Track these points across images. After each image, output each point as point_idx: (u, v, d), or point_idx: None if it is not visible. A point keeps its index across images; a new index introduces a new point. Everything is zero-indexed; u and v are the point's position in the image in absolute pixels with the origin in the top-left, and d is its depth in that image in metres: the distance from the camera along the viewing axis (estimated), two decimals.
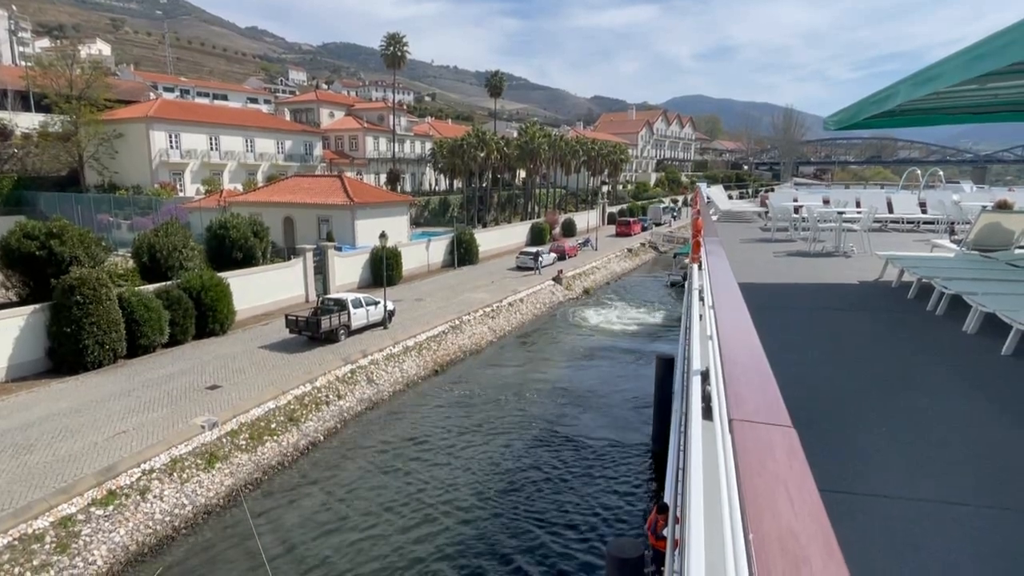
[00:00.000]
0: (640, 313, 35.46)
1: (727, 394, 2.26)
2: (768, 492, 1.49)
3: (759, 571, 1.20)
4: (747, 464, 1.64)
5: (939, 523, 3.44)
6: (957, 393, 5.51)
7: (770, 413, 2.00)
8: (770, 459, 1.68)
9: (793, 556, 1.24)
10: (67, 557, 11.67)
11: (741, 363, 2.67)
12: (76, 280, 18.69)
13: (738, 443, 1.78)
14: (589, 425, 19.66)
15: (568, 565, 12.58)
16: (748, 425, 1.89)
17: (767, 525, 1.35)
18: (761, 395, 2.21)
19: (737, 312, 3.74)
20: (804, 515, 1.40)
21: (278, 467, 16.35)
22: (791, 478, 1.56)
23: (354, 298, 24.81)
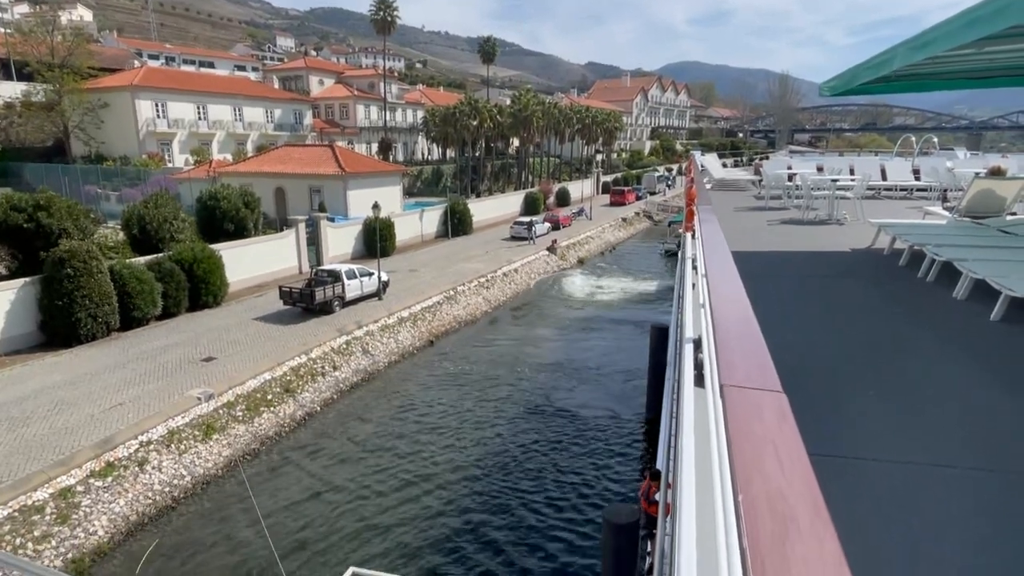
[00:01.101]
0: (635, 283, 35.56)
1: (718, 360, 2.28)
2: (757, 455, 1.51)
3: (748, 531, 1.22)
4: (737, 428, 1.66)
5: (926, 485, 3.51)
6: (946, 358, 5.57)
7: (760, 378, 2.02)
8: (759, 423, 1.69)
9: (781, 516, 1.26)
10: (68, 528, 11.81)
11: (733, 330, 2.68)
12: (66, 253, 18.53)
13: (728, 408, 1.79)
14: (584, 394, 19.86)
15: (565, 530, 12.84)
16: (738, 390, 1.91)
17: (756, 487, 1.37)
18: (752, 361, 2.22)
19: (729, 280, 3.75)
20: (793, 477, 1.42)
21: (275, 438, 16.49)
22: (780, 441, 1.58)
23: (348, 269, 24.73)
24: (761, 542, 1.18)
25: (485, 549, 12.22)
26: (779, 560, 1.13)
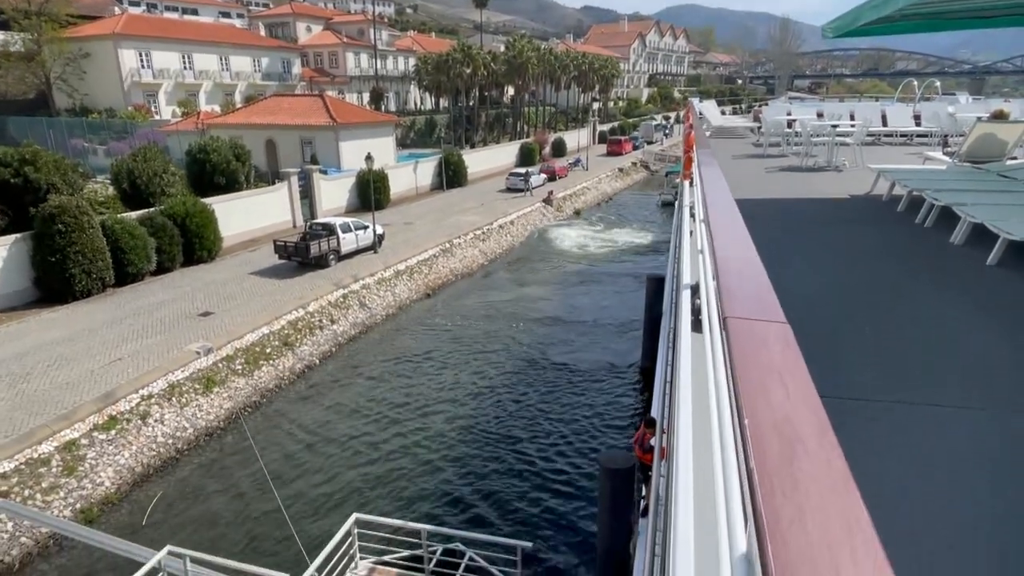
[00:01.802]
0: (631, 234, 35.43)
1: (721, 295, 2.26)
2: (763, 382, 1.51)
3: (755, 454, 1.23)
4: (742, 358, 1.65)
5: (919, 424, 3.57)
6: (942, 302, 5.60)
7: (764, 310, 2.01)
8: (764, 352, 1.69)
9: (788, 439, 1.27)
10: (75, 479, 12.04)
11: (735, 265, 2.66)
12: (56, 208, 18.27)
13: (732, 339, 1.78)
14: (580, 346, 20.03)
15: (563, 476, 13.15)
16: (742, 322, 1.90)
17: (761, 412, 1.38)
18: (755, 294, 2.21)
19: (730, 216, 3.71)
20: (799, 402, 1.42)
21: (276, 390, 16.68)
22: (785, 368, 1.58)
23: (342, 222, 24.52)
24: (769, 462, 1.19)
25: (484, 494, 12.53)
26: (787, 478, 1.15)
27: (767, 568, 0.95)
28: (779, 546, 0.98)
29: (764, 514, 1.06)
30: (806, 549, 0.97)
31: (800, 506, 1.07)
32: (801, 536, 1.00)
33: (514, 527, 11.46)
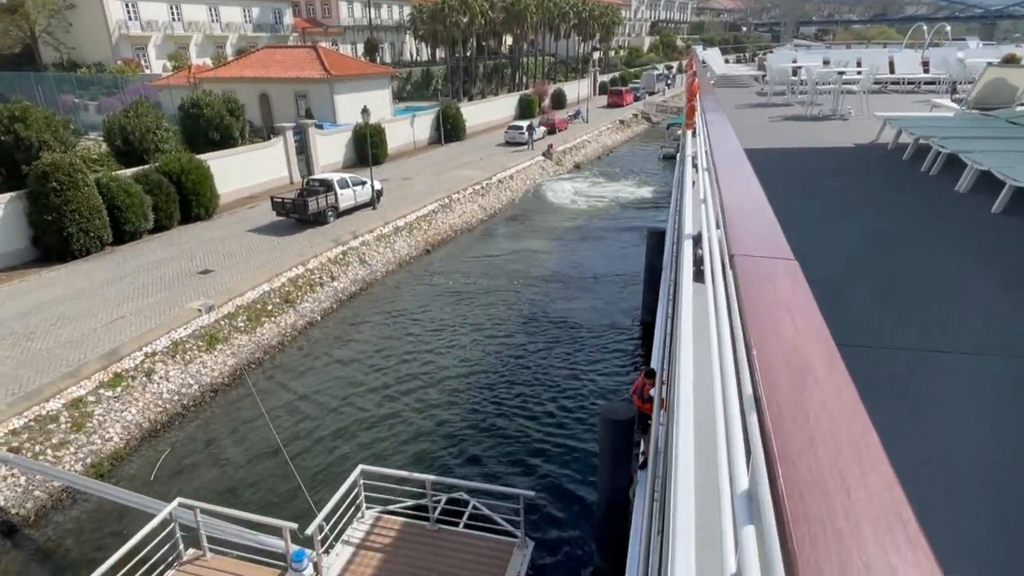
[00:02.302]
0: (632, 188, 35.06)
1: (727, 233, 2.23)
2: (771, 315, 1.50)
3: (764, 383, 1.23)
4: (749, 292, 1.63)
5: (918, 369, 3.60)
6: (946, 249, 5.56)
7: (771, 247, 1.98)
8: (772, 287, 1.67)
9: (797, 368, 1.28)
10: (84, 435, 12.24)
11: (741, 204, 2.61)
12: (49, 166, 18.04)
13: (740, 275, 1.76)
14: (580, 300, 20.07)
15: (563, 428, 13.35)
16: (749, 259, 1.87)
17: (770, 344, 1.38)
18: (762, 231, 2.18)
19: (735, 158, 3.65)
20: (808, 334, 1.42)
21: (279, 346, 16.80)
22: (794, 302, 1.57)
23: (340, 178, 24.23)
24: (778, 392, 1.19)
25: (487, 446, 12.75)
26: (796, 406, 1.15)
27: (778, 492, 0.96)
28: (789, 470, 0.99)
29: (774, 441, 1.06)
30: (816, 473, 0.98)
31: (810, 433, 1.08)
32: (812, 461, 1.01)
33: (516, 477, 11.71)
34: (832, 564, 0.81)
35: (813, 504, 0.91)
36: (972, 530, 2.47)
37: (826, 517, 0.89)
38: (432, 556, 8.96)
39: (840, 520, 0.88)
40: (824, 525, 0.88)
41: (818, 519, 0.89)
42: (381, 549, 9.13)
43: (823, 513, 0.90)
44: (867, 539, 0.85)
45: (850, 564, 0.81)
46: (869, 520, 0.88)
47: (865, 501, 0.92)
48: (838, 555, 0.82)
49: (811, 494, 0.93)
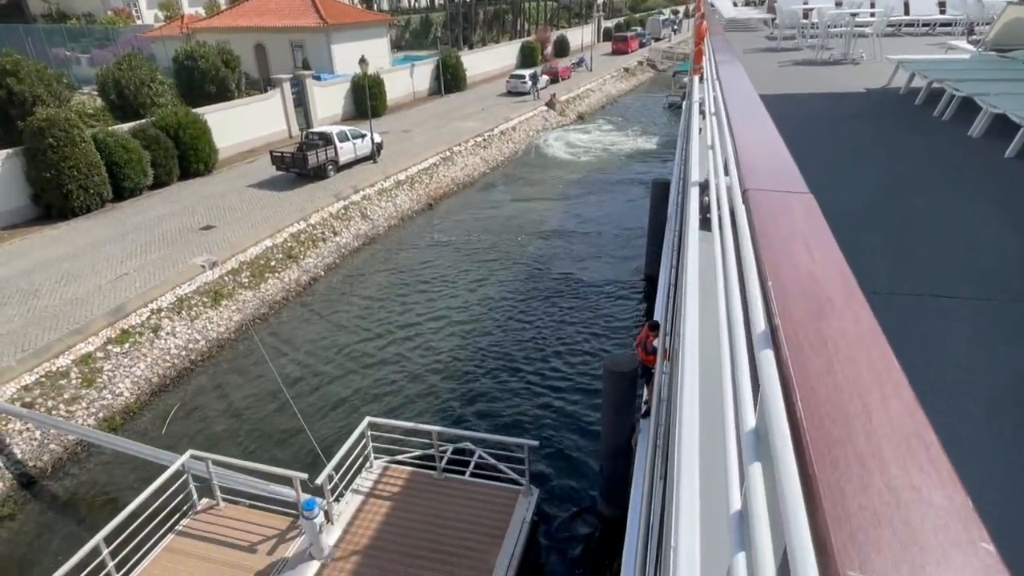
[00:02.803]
0: (637, 139, 34.44)
1: (740, 167, 2.16)
2: (786, 246, 1.46)
3: (780, 312, 1.20)
4: (763, 224, 1.58)
5: (924, 314, 3.57)
6: (956, 195, 5.47)
7: (786, 181, 1.93)
8: (787, 219, 1.62)
9: (815, 298, 1.26)
10: (95, 391, 12.43)
11: (754, 139, 2.54)
12: (44, 122, 17.76)
13: (753, 208, 1.71)
14: (584, 254, 19.98)
15: (567, 380, 13.49)
16: (763, 193, 1.82)
17: (786, 274, 1.35)
18: (776, 166, 2.11)
19: (746, 95, 3.54)
20: (825, 263, 1.38)
21: (283, 302, 16.87)
22: (810, 232, 1.53)
23: (339, 131, 23.83)
24: (794, 320, 1.17)
25: (492, 397, 12.92)
26: (814, 334, 1.13)
27: (796, 418, 0.94)
28: (808, 396, 0.97)
29: (792, 368, 1.04)
30: (836, 398, 0.96)
31: (828, 359, 1.06)
32: (831, 386, 0.99)
33: (521, 427, 11.89)
34: (854, 485, 0.80)
35: (833, 428, 0.89)
36: (977, 472, 2.48)
37: (847, 439, 0.87)
38: (439, 503, 9.18)
39: (861, 443, 0.87)
40: (845, 447, 0.86)
41: (839, 441, 0.87)
42: (389, 497, 9.36)
43: (843, 436, 0.88)
44: (889, 461, 0.84)
45: (872, 485, 0.80)
46: (891, 443, 0.87)
47: (887, 425, 0.90)
48: (860, 477, 0.81)
49: (831, 418, 0.91)
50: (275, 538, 8.64)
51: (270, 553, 8.43)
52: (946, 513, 0.76)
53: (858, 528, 0.74)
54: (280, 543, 8.57)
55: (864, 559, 0.71)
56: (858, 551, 0.71)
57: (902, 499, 0.78)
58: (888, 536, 0.73)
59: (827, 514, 0.76)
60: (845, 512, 0.76)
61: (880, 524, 0.75)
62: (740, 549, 1.06)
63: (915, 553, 0.72)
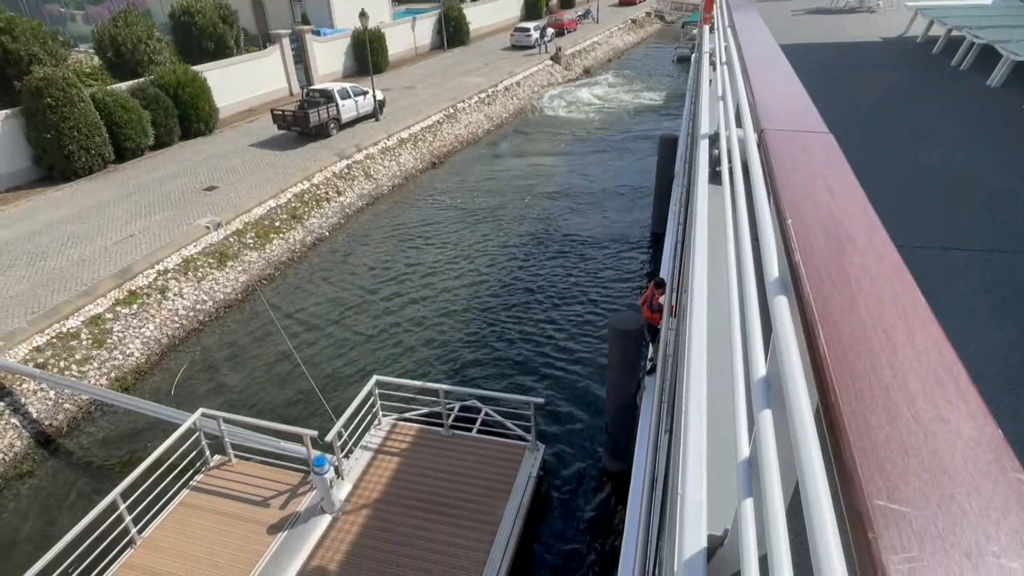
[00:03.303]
0: (645, 93, 33.71)
1: (756, 107, 2.09)
2: (806, 185, 1.42)
3: (801, 250, 1.18)
4: (782, 164, 1.53)
5: (935, 266, 3.53)
6: (971, 146, 5.33)
7: (805, 121, 1.86)
8: (806, 158, 1.57)
9: (836, 236, 1.23)
10: (105, 351, 12.57)
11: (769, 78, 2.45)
12: (42, 81, 17.51)
13: (770, 149, 1.66)
14: (590, 213, 19.80)
15: (573, 338, 13.53)
16: (780, 133, 1.75)
17: (807, 212, 1.32)
18: (794, 106, 2.04)
19: (763, 39, 3.42)
20: (846, 203, 1.33)
21: (288, 262, 16.87)
22: (830, 172, 1.49)
23: (340, 88, 23.41)
24: (816, 258, 1.14)
25: (498, 356, 13.00)
26: (836, 271, 1.10)
27: (819, 353, 0.91)
28: (831, 331, 0.95)
29: (814, 304, 1.01)
30: (860, 333, 0.94)
31: (851, 296, 1.03)
32: (854, 321, 0.97)
33: (527, 385, 11.99)
34: (880, 417, 0.78)
35: (857, 361, 0.87)
36: None
37: (871, 373, 0.85)
38: (447, 459, 9.34)
39: (887, 376, 0.84)
40: (870, 380, 0.83)
41: (863, 375, 0.84)
42: (398, 453, 9.52)
43: (868, 369, 0.85)
44: (916, 394, 0.81)
45: (899, 417, 0.78)
46: (918, 376, 0.84)
47: (913, 359, 0.88)
48: (886, 409, 0.79)
49: (855, 352, 0.89)
50: (287, 493, 8.84)
51: (283, 508, 8.64)
52: (976, 444, 0.74)
53: (885, 458, 0.72)
54: (292, 498, 8.77)
55: (892, 488, 0.69)
56: (886, 480, 0.70)
57: (930, 430, 0.76)
58: (916, 466, 0.72)
59: (852, 445, 0.74)
60: (871, 443, 0.74)
61: (908, 454, 0.73)
62: (748, 495, 1.05)
63: (944, 482, 0.70)
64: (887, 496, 0.68)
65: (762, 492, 0.94)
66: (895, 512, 0.68)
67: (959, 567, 0.63)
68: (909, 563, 0.64)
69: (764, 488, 0.93)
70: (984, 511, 0.68)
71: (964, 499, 0.68)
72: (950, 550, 0.65)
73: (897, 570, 0.63)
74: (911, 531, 0.66)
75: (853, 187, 1.42)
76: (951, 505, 0.68)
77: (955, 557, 0.64)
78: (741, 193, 2.17)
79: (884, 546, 0.65)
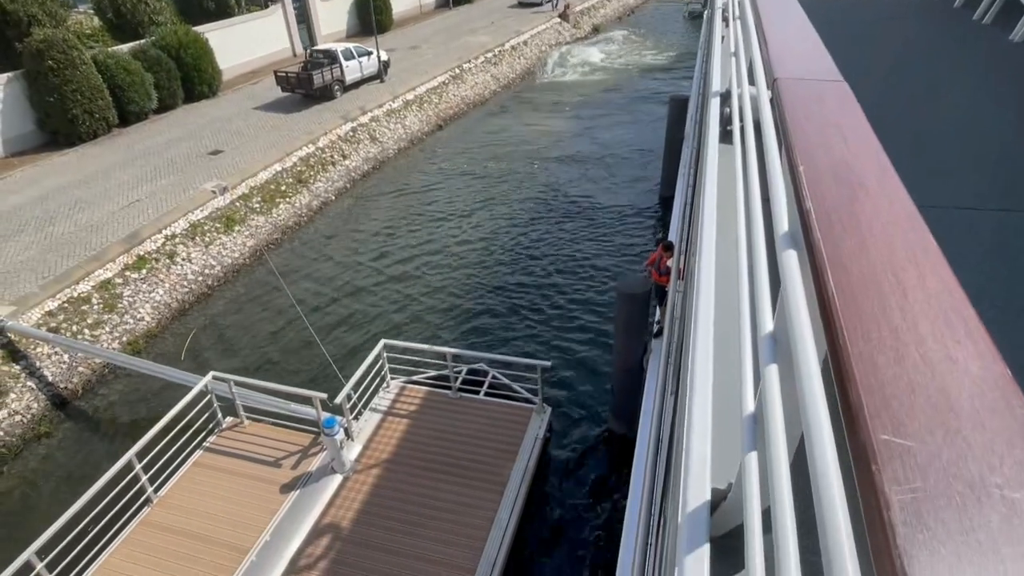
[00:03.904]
0: (656, 52, 32.95)
1: (769, 56, 2.03)
2: (820, 133, 1.40)
3: (812, 196, 1.16)
4: (794, 112, 1.50)
5: (948, 226, 3.47)
6: (989, 103, 5.18)
7: (819, 69, 1.81)
8: (819, 107, 1.54)
9: (848, 182, 1.22)
10: (116, 315, 12.70)
11: (783, 27, 2.38)
12: (42, 43, 17.28)
13: (784, 98, 1.62)
14: (598, 177, 19.57)
15: (580, 302, 13.53)
16: (794, 81, 1.71)
17: (819, 160, 1.30)
18: (808, 53, 1.99)
19: None
20: (859, 150, 1.31)
21: (295, 227, 16.86)
22: (844, 120, 1.46)
23: (344, 49, 22.99)
24: (827, 203, 1.13)
25: (505, 320, 13.04)
26: (847, 216, 1.09)
27: (827, 295, 0.90)
28: (840, 274, 0.94)
29: (824, 248, 1.00)
30: (869, 275, 0.93)
31: (862, 239, 1.02)
32: (864, 264, 0.96)
33: (534, 349, 12.05)
34: (887, 357, 0.78)
35: (866, 303, 0.86)
36: None
37: (880, 314, 0.84)
38: (455, 421, 9.46)
39: (896, 318, 0.84)
40: (878, 321, 0.83)
41: (871, 316, 0.84)
42: (407, 415, 9.65)
43: (877, 310, 0.85)
44: (925, 335, 0.81)
45: (907, 357, 0.78)
46: (927, 318, 0.84)
47: (923, 301, 0.87)
48: (894, 349, 0.79)
49: (863, 295, 0.88)
50: (298, 454, 9.01)
51: (294, 468, 8.81)
52: (983, 382, 0.74)
53: (891, 395, 0.72)
54: (303, 458, 8.94)
55: (897, 424, 0.69)
56: (891, 416, 0.70)
57: (938, 370, 0.76)
58: (922, 403, 0.72)
59: (859, 384, 0.73)
60: (878, 381, 0.74)
61: (915, 392, 0.73)
62: (752, 449, 1.06)
63: (950, 418, 0.70)
64: (892, 431, 0.68)
65: (766, 446, 0.93)
66: (899, 446, 0.68)
67: (961, 497, 0.64)
68: (912, 494, 0.64)
69: (768, 442, 0.93)
70: (989, 445, 0.68)
71: (969, 433, 0.69)
72: (953, 482, 0.65)
73: (899, 500, 0.64)
74: (915, 464, 0.67)
75: (867, 134, 1.39)
76: (956, 439, 0.68)
77: (957, 488, 0.65)
78: (752, 150, 2.13)
79: (888, 478, 0.65)
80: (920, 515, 0.63)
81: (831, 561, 0.68)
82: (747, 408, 1.19)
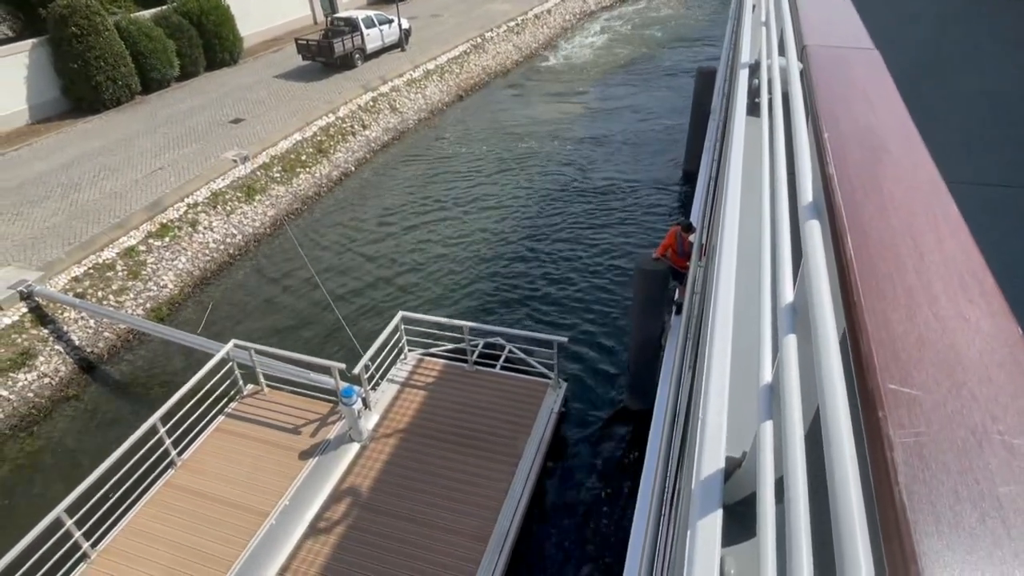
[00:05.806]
0: (685, 20, 32.06)
1: (800, 22, 1.97)
2: (845, 99, 1.40)
3: (834, 161, 1.17)
4: (822, 78, 1.47)
5: (969, 202, 3.35)
6: (1019, 78, 4.95)
7: (850, 36, 1.76)
8: (848, 74, 1.53)
9: (871, 147, 1.22)
10: (140, 282, 12.92)
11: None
12: (66, 8, 17.35)
13: (813, 65, 1.59)
14: (620, 152, 19.27)
15: (598, 280, 13.44)
16: (824, 49, 1.66)
17: (844, 125, 1.31)
18: (839, 20, 1.92)
19: None
20: (885, 116, 1.32)
21: (315, 197, 16.91)
22: (872, 88, 1.45)
23: (365, 16, 22.76)
24: (849, 167, 1.14)
25: (523, 295, 13.02)
26: (869, 180, 1.10)
27: (846, 257, 0.92)
28: (859, 236, 0.96)
29: (844, 211, 1.01)
30: (888, 239, 0.95)
31: (882, 203, 1.03)
32: (883, 227, 0.98)
33: (551, 324, 12.03)
34: (900, 314, 0.80)
35: (882, 264, 0.89)
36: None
37: (895, 274, 0.86)
38: (471, 393, 9.53)
39: (911, 278, 0.86)
40: (893, 281, 0.85)
41: (887, 276, 0.86)
42: (423, 387, 9.74)
43: (892, 271, 0.87)
44: (939, 294, 0.84)
45: (919, 314, 0.80)
46: (942, 279, 0.86)
47: (940, 264, 0.89)
48: (907, 307, 0.81)
49: (880, 256, 0.91)
50: (317, 422, 9.17)
51: (313, 435, 8.97)
52: (993, 339, 0.77)
53: (901, 348, 0.75)
54: (322, 426, 9.09)
55: (905, 374, 0.72)
56: (900, 368, 0.73)
57: (949, 327, 0.79)
58: (931, 356, 0.75)
59: (871, 337, 0.76)
60: (889, 335, 0.77)
61: (924, 346, 0.76)
62: (767, 418, 1.08)
63: (958, 372, 0.73)
64: (900, 381, 0.71)
65: (782, 416, 0.95)
66: (906, 395, 0.70)
67: (963, 442, 0.67)
68: (915, 437, 0.67)
69: (784, 412, 0.95)
70: (994, 397, 0.71)
71: (975, 386, 0.71)
72: (956, 428, 0.68)
73: (903, 443, 0.66)
74: (920, 411, 0.70)
75: (895, 102, 1.39)
76: (961, 391, 0.71)
77: (960, 433, 0.68)
78: (780, 121, 2.06)
79: (893, 423, 0.68)
80: (922, 456, 0.66)
81: (838, 515, 0.71)
82: (764, 378, 1.21)
